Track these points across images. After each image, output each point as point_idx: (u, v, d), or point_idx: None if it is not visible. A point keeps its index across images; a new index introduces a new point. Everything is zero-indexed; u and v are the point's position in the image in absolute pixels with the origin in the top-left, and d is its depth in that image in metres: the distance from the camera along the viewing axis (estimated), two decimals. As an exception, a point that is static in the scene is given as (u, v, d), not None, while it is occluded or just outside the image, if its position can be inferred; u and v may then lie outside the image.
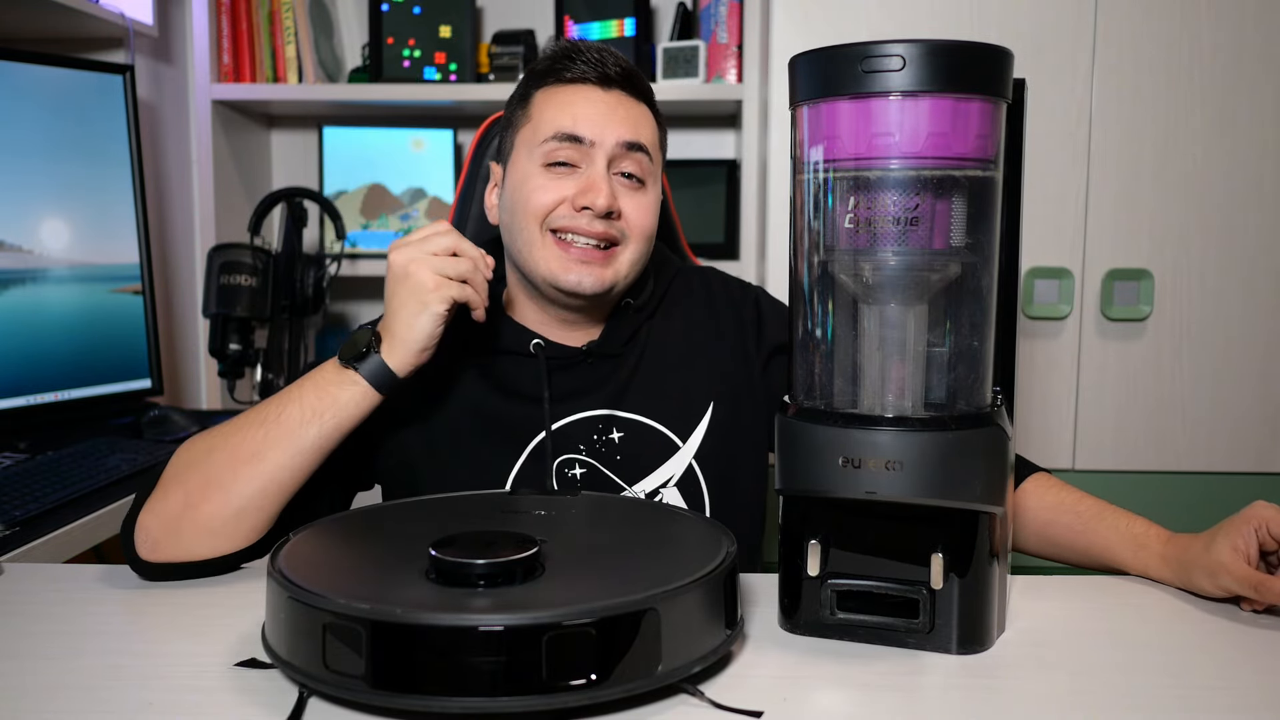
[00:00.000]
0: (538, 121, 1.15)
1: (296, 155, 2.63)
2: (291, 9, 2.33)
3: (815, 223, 0.86)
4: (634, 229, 1.15)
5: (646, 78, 1.21)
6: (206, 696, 0.77)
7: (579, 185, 1.12)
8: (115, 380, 1.93)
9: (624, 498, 1.11)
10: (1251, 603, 0.93)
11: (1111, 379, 2.08)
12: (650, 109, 1.20)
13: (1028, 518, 1.10)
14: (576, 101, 1.14)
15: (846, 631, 0.87)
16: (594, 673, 0.71)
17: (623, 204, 1.14)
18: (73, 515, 1.32)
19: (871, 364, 0.85)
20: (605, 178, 1.12)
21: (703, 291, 1.28)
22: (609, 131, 1.13)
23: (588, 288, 1.12)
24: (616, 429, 1.16)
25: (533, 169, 1.14)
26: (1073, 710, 0.76)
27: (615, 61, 1.16)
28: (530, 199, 1.13)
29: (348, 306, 2.65)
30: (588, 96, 1.15)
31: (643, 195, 1.16)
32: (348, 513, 1.01)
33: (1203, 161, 2.03)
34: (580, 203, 1.11)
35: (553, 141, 1.13)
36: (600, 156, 1.13)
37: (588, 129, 1.13)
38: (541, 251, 1.13)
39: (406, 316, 1.03)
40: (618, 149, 1.13)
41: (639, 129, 1.15)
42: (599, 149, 1.13)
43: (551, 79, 1.17)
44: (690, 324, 1.25)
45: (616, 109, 1.15)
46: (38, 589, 1.00)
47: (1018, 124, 0.88)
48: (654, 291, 1.24)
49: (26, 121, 1.80)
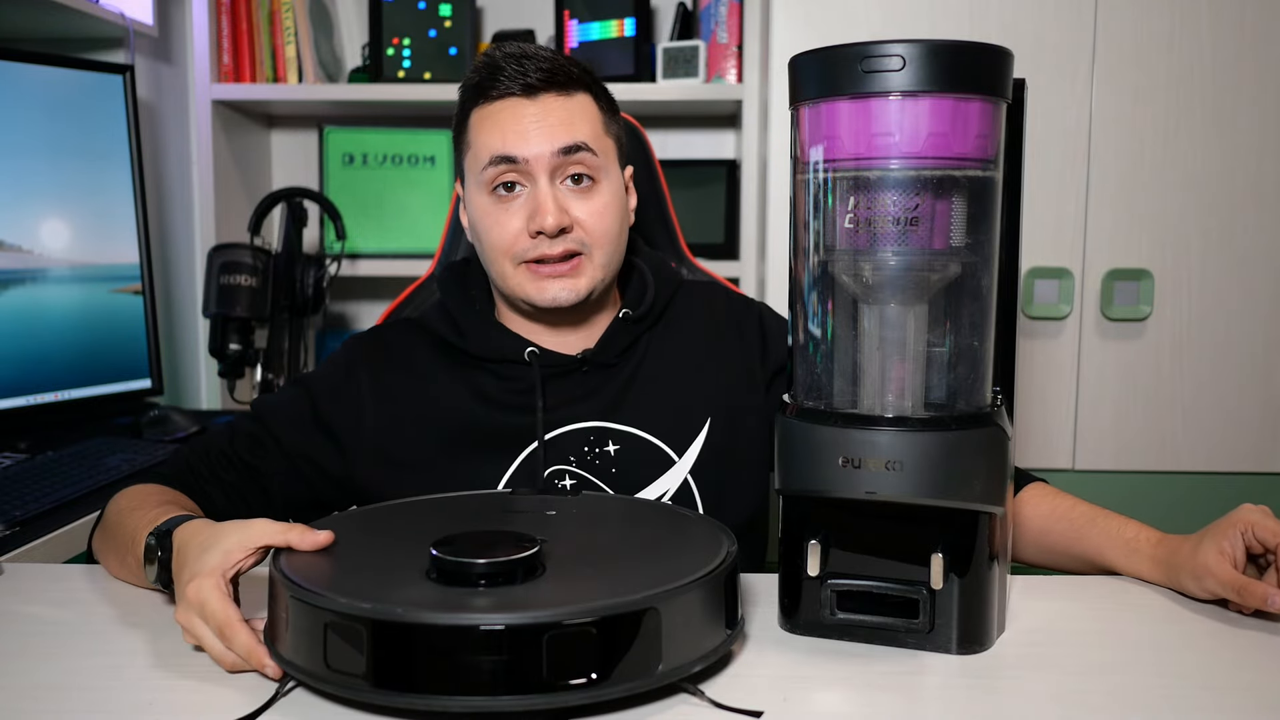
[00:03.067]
0: (476, 147, 1.15)
1: (296, 155, 2.63)
2: (291, 9, 2.33)
3: (815, 223, 0.86)
4: (593, 234, 1.14)
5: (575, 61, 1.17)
6: (206, 696, 0.77)
7: (527, 209, 1.12)
8: (115, 380, 1.93)
9: (626, 498, 1.11)
10: (1238, 605, 0.93)
11: (1111, 379, 2.08)
12: (590, 94, 1.16)
13: (1025, 527, 1.10)
14: (504, 120, 1.13)
15: (846, 631, 0.87)
16: (594, 672, 0.71)
17: (575, 213, 1.13)
18: (73, 515, 1.32)
19: (871, 364, 0.85)
20: (549, 194, 1.11)
21: (705, 307, 1.27)
22: (540, 143, 1.11)
23: (564, 300, 1.13)
24: (612, 441, 1.16)
25: (482, 198, 1.15)
26: (1073, 710, 0.76)
27: (537, 65, 1.13)
28: (489, 234, 1.14)
29: (347, 306, 2.65)
30: (514, 112, 1.13)
31: (595, 196, 1.14)
32: (350, 512, 1.01)
33: (1203, 161, 2.03)
34: (532, 229, 1.12)
35: (491, 168, 1.13)
36: (540, 171, 1.12)
37: (519, 147, 1.11)
38: (515, 280, 1.15)
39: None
40: (555, 158, 1.12)
41: (574, 128, 1.13)
42: (537, 163, 1.12)
43: (480, 99, 1.16)
44: (691, 338, 1.23)
45: (545, 117, 1.12)
46: (38, 589, 1.00)
47: (1018, 124, 0.88)
48: (654, 304, 1.22)
49: (26, 121, 1.80)
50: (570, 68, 1.15)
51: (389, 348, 1.22)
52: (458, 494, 1.05)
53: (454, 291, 1.22)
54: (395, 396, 1.18)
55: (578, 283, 1.14)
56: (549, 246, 1.12)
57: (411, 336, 1.22)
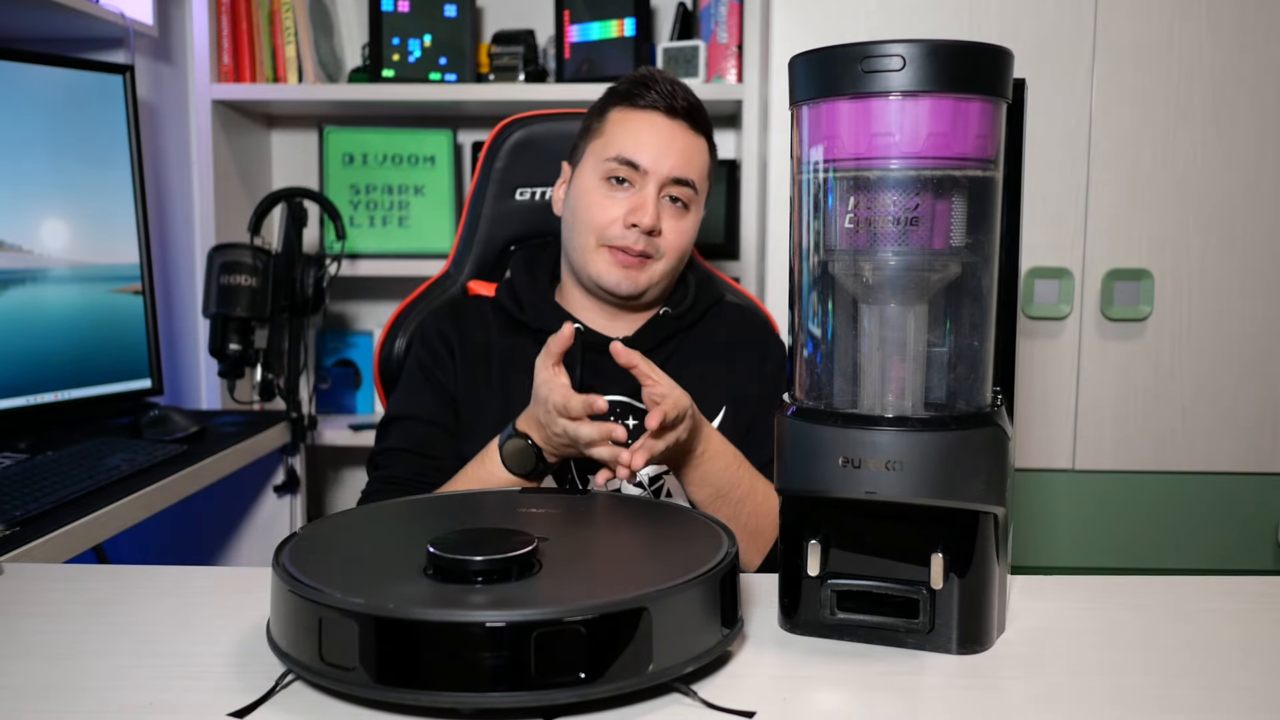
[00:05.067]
0: (608, 138, 1.32)
1: (296, 155, 2.63)
2: (291, 9, 2.33)
3: (815, 223, 0.86)
4: (669, 247, 1.32)
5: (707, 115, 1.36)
6: (206, 696, 0.77)
7: (630, 204, 1.29)
8: (115, 380, 1.93)
9: (631, 497, 1.13)
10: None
11: (1111, 379, 2.08)
12: (708, 141, 1.35)
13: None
14: (642, 129, 1.30)
15: (846, 631, 0.87)
16: (583, 671, 0.71)
17: (664, 225, 1.30)
18: (73, 515, 1.32)
19: (871, 364, 0.85)
20: (654, 200, 1.29)
21: (741, 324, 1.43)
22: (663, 163, 1.29)
23: (625, 289, 1.31)
24: (633, 416, 1.30)
25: (594, 181, 1.31)
26: (1072, 710, 0.76)
27: (684, 96, 1.32)
28: (590, 212, 1.31)
29: (347, 306, 2.65)
30: (652, 125, 1.30)
31: (684, 219, 1.33)
32: (358, 509, 1.02)
33: (1202, 161, 2.03)
34: (629, 220, 1.29)
35: (614, 161, 1.30)
36: (652, 183, 1.29)
37: (646, 158, 1.29)
38: (593, 257, 1.31)
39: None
40: (668, 180, 1.30)
41: (690, 164, 1.31)
42: (652, 176, 1.29)
43: (627, 102, 1.32)
44: (718, 347, 1.38)
45: (674, 142, 1.30)
46: (38, 589, 1.00)
47: (1018, 124, 0.88)
48: (692, 308, 1.38)
49: (26, 121, 1.80)
50: (705, 115, 1.35)
51: (464, 316, 1.40)
52: (466, 492, 1.08)
53: (522, 271, 1.41)
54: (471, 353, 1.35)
55: (640, 277, 1.31)
56: (634, 240, 1.29)
57: (484, 308, 1.41)
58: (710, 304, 1.41)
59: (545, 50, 2.45)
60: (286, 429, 2.11)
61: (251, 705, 0.74)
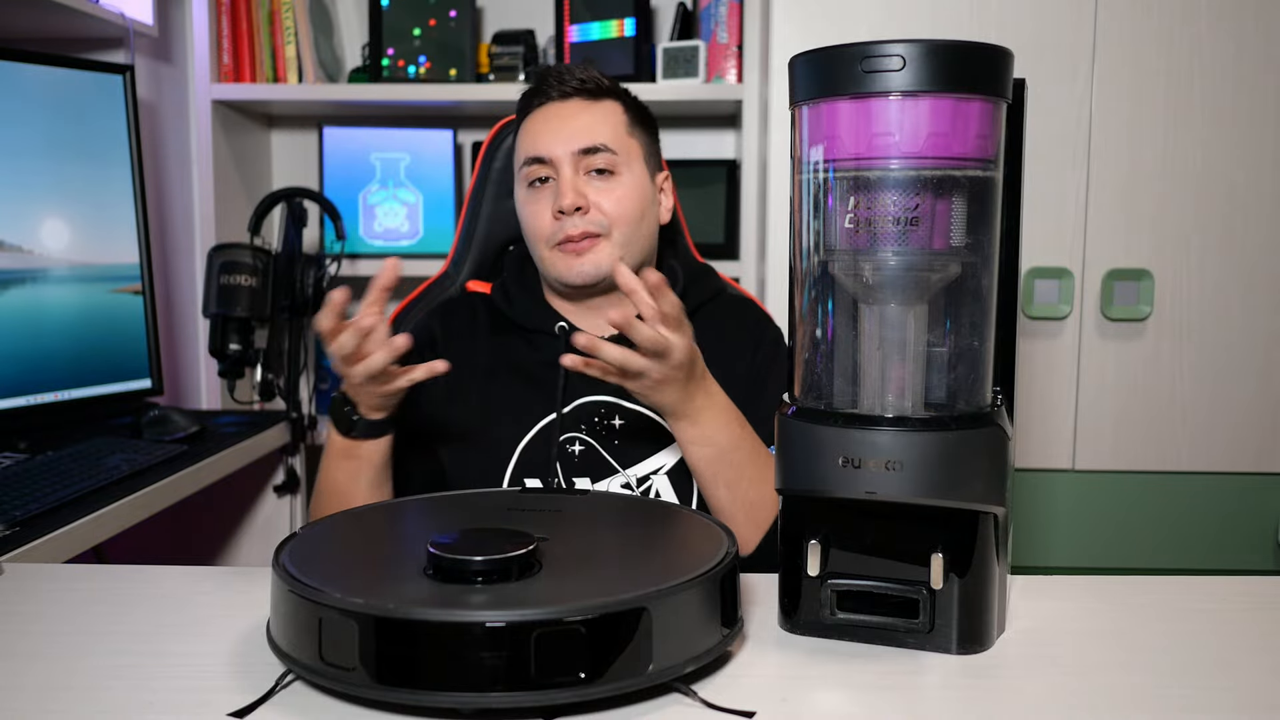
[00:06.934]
0: (518, 149, 1.33)
1: (296, 155, 2.63)
2: (291, 9, 2.33)
3: (815, 223, 0.86)
4: (613, 217, 1.28)
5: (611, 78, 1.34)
6: (206, 696, 0.77)
7: (554, 196, 1.28)
8: (115, 380, 1.93)
9: (631, 496, 1.13)
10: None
11: (1111, 379, 2.08)
12: (617, 100, 1.32)
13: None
14: (538, 124, 1.31)
15: (846, 631, 0.87)
16: (583, 671, 0.71)
17: (594, 198, 1.27)
18: (73, 515, 1.32)
19: (871, 364, 0.85)
20: (570, 181, 1.27)
21: (735, 315, 1.40)
22: (565, 143, 1.27)
23: (588, 275, 1.27)
24: (619, 416, 1.29)
25: (522, 193, 1.32)
26: (1073, 710, 0.76)
27: (576, 75, 1.30)
28: (527, 223, 1.32)
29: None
30: (545, 116, 1.30)
31: (616, 184, 1.28)
32: (359, 509, 1.02)
33: (1203, 161, 2.03)
34: (554, 209, 1.27)
35: (526, 165, 1.30)
36: (565, 167, 1.27)
37: (545, 147, 1.28)
38: (549, 261, 1.30)
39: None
40: (576, 157, 1.27)
41: (594, 130, 1.28)
42: (561, 162, 1.28)
43: (525, 111, 1.34)
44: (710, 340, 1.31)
45: (571, 119, 1.29)
46: (38, 589, 1.00)
47: (1018, 124, 0.88)
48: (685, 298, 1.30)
49: (26, 121, 1.80)
50: (602, 80, 1.32)
51: (454, 314, 1.40)
52: (466, 491, 1.07)
53: (514, 270, 1.41)
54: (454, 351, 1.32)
55: (598, 258, 1.27)
56: (570, 227, 1.26)
57: (476, 305, 1.40)
58: (705, 299, 1.39)
59: (545, 50, 2.46)
60: (286, 429, 2.11)
61: (251, 705, 0.75)
